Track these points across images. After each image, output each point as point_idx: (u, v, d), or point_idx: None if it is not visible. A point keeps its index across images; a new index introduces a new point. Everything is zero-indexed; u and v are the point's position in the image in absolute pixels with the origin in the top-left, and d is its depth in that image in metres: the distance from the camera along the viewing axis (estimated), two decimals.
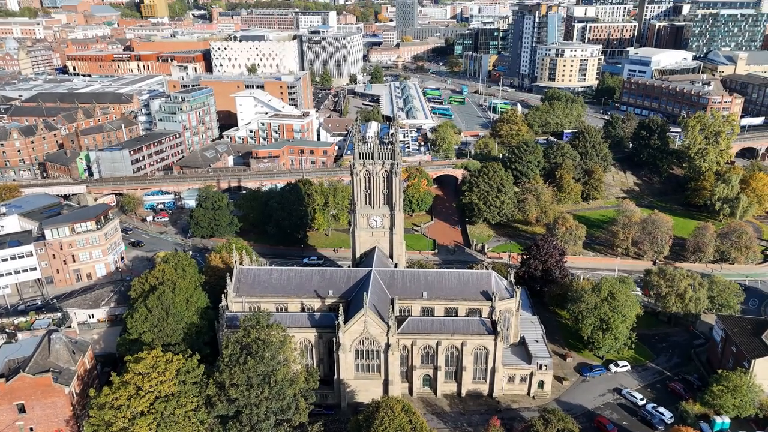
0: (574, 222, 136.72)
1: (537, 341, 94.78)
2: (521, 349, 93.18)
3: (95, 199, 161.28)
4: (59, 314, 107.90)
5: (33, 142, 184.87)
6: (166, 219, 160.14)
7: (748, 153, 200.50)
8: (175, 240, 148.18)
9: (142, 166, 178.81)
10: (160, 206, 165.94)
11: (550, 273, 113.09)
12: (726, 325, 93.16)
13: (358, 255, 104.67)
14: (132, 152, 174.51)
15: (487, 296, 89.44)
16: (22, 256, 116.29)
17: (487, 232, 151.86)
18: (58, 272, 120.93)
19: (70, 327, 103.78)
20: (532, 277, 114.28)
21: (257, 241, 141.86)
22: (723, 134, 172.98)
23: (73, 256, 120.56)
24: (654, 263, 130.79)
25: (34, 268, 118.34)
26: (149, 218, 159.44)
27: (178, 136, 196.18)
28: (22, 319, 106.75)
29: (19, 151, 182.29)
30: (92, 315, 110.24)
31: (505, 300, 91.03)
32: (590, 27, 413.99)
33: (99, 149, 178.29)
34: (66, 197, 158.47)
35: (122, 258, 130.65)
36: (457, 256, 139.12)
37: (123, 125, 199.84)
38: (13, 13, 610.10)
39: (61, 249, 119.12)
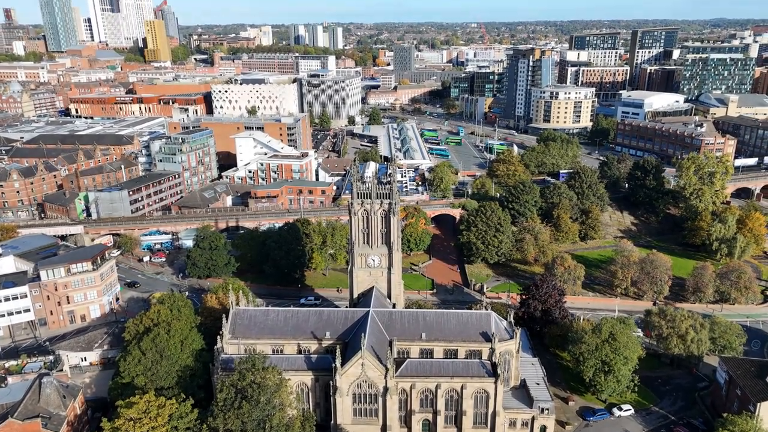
0: (573, 262, 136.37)
1: (538, 384, 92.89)
2: (522, 393, 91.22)
3: (92, 240, 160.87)
4: (51, 357, 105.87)
5: (32, 183, 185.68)
6: (163, 259, 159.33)
7: (743, 193, 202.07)
8: (171, 280, 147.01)
9: (141, 207, 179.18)
10: (158, 246, 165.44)
11: (549, 313, 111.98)
12: (729, 367, 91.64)
13: (356, 295, 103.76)
14: (131, 192, 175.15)
15: (487, 337, 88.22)
16: (16, 298, 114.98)
17: (485, 271, 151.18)
18: (51, 314, 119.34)
19: (61, 370, 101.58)
20: (531, 317, 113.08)
21: (254, 281, 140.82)
22: (717, 175, 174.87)
23: (67, 297, 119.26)
24: (654, 303, 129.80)
25: (28, 310, 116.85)
26: (146, 258, 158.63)
27: (177, 176, 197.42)
28: (13, 362, 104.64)
29: (18, 191, 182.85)
30: (84, 358, 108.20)
31: (505, 341, 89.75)
32: (583, 71, 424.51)
33: (98, 190, 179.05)
34: (63, 238, 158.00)
35: (117, 299, 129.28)
36: (456, 296, 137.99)
37: (123, 166, 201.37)
38: (19, 58, 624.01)
39: (56, 290, 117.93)
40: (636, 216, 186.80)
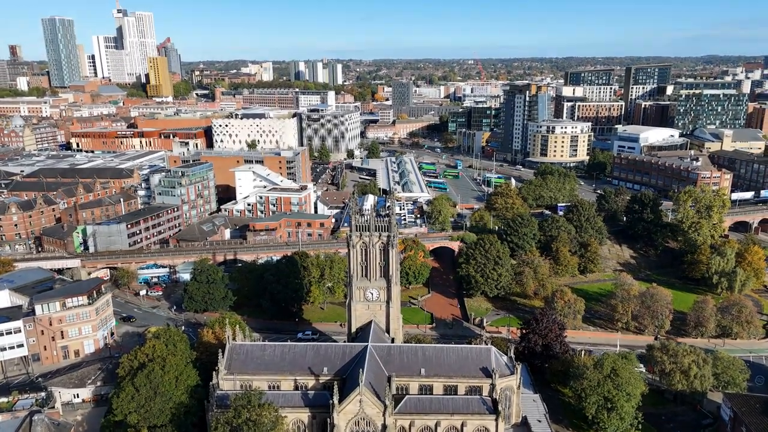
0: (573, 295, 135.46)
1: (540, 421, 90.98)
2: (524, 430, 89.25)
3: (89, 273, 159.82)
4: (43, 394, 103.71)
5: (31, 217, 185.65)
6: (160, 293, 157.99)
7: (741, 227, 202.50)
8: (167, 314, 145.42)
9: (139, 240, 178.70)
10: (155, 280, 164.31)
11: (550, 348, 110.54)
12: (734, 404, 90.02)
13: (354, 329, 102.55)
14: (129, 226, 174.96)
15: (487, 373, 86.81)
16: (10, 333, 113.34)
17: (485, 305, 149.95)
18: (45, 349, 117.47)
19: (53, 408, 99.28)
20: (532, 352, 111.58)
21: (251, 315, 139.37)
22: (715, 208, 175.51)
23: (62, 331, 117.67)
24: (656, 338, 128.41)
25: (21, 345, 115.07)
26: (142, 292, 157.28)
27: (176, 209, 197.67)
28: (3, 399, 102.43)
29: (16, 225, 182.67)
30: (77, 394, 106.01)
31: (506, 377, 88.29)
32: (579, 106, 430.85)
33: (96, 223, 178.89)
34: (59, 271, 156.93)
35: (112, 334, 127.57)
36: (455, 331, 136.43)
37: (122, 199, 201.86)
38: (22, 93, 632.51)
39: (50, 324, 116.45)
40: (635, 249, 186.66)
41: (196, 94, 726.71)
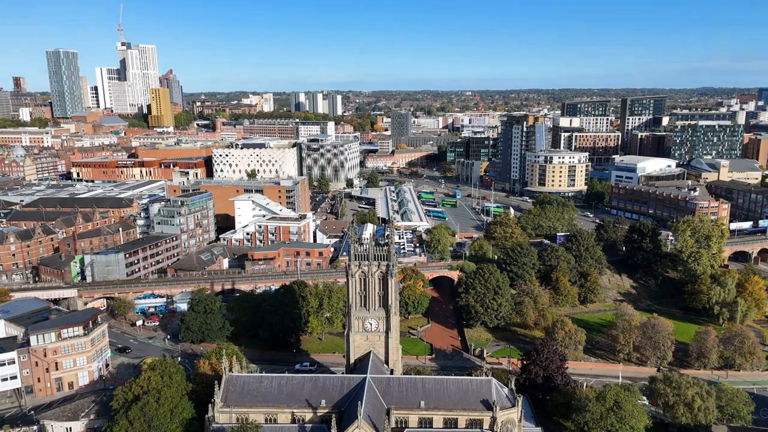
0: (573, 326, 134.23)
1: None
2: None
3: (85, 303, 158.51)
4: (35, 427, 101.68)
5: (29, 246, 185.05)
6: (157, 323, 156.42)
7: (740, 257, 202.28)
8: (164, 345, 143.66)
9: (137, 269, 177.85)
10: (151, 310, 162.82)
11: (551, 380, 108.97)
12: None
13: (352, 360, 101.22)
14: (127, 255, 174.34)
15: (488, 405, 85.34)
16: (4, 364, 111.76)
17: (485, 335, 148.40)
18: (39, 381, 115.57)
19: None
20: (533, 384, 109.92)
21: (248, 346, 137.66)
22: (713, 238, 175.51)
23: (56, 363, 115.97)
24: (658, 369, 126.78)
25: (15, 377, 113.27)
26: (139, 323, 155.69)
27: (174, 239, 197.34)
28: None
29: (14, 254, 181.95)
30: (70, 428, 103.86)
31: (507, 410, 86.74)
32: (576, 136, 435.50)
33: (94, 252, 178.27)
34: (56, 302, 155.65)
35: (107, 365, 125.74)
36: (455, 362, 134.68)
37: (121, 229, 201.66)
38: (24, 123, 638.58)
39: (45, 356, 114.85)
40: (635, 279, 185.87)
41: (197, 124, 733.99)
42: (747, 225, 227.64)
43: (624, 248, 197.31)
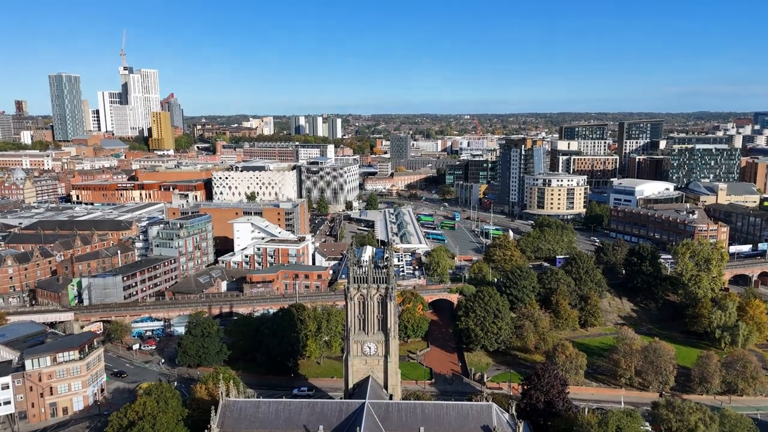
0: (574, 350, 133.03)
1: None
2: None
3: (82, 327, 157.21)
4: None
5: (26, 269, 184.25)
6: (153, 347, 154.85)
7: (740, 280, 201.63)
8: (160, 369, 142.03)
9: (134, 293, 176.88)
10: (148, 334, 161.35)
11: (553, 405, 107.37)
12: None
13: (351, 385, 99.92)
14: (125, 278, 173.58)
15: (488, 431, 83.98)
16: None
17: (485, 360, 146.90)
18: (33, 406, 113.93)
19: None
20: (534, 409, 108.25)
21: (246, 370, 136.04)
22: (713, 261, 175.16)
23: (51, 388, 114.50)
24: (661, 395, 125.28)
25: (9, 402, 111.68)
26: (135, 346, 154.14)
27: (173, 261, 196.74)
28: None
29: (11, 277, 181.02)
30: None
31: None
32: (574, 159, 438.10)
33: (92, 275, 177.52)
34: (52, 325, 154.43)
35: (102, 390, 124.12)
36: (455, 386, 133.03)
37: (119, 251, 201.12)
38: (26, 146, 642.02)
39: (40, 380, 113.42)
40: (635, 302, 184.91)
41: (198, 147, 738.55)
42: (746, 248, 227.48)
43: (624, 271, 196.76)
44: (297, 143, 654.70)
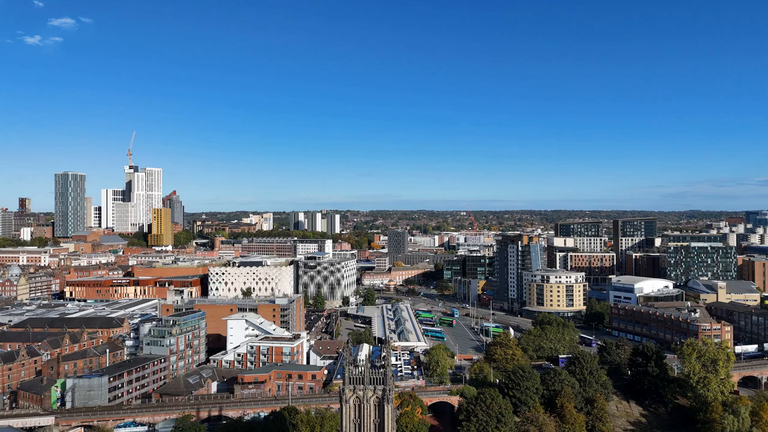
0: None
1: None
2: None
3: None
4: None
5: (11, 369, 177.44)
6: None
7: (750, 382, 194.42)
8: None
9: (120, 394, 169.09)
10: None
11: None
12: None
13: None
14: (111, 379, 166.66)
15: None
16: None
17: None
18: None
19: None
20: None
21: None
22: (720, 362, 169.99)
23: None
24: None
25: None
26: None
27: (162, 360, 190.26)
28: None
29: None
30: None
31: None
32: (571, 256, 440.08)
33: (78, 376, 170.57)
34: (31, 430, 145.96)
35: None
36: None
37: (108, 350, 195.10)
38: (25, 243, 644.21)
39: None
40: (644, 406, 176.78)
41: (196, 243, 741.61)
42: (752, 348, 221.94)
43: (629, 372, 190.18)
44: (295, 238, 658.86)
